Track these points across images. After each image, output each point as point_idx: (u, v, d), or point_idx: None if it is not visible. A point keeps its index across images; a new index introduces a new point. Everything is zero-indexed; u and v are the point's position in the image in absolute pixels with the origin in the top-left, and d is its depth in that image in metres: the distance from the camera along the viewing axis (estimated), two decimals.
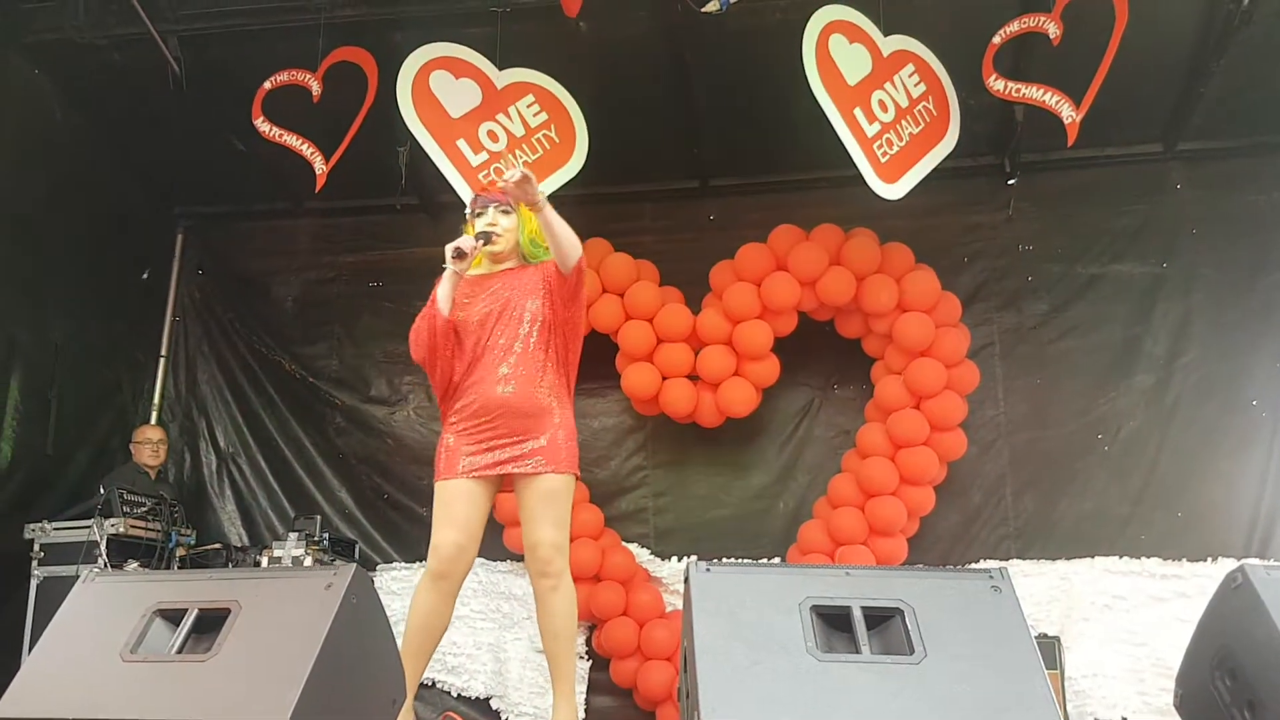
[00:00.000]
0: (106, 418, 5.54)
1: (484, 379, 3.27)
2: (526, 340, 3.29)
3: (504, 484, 3.37)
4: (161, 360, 5.91)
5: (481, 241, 3.32)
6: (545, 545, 3.24)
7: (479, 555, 4.93)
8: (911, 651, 2.11)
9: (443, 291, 3.29)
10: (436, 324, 3.28)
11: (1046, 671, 2.12)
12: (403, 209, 5.48)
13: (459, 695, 4.97)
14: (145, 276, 5.86)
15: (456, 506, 3.27)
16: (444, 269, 3.28)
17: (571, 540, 4.80)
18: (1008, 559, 4.86)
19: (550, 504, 3.25)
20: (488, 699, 4.96)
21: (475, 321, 3.32)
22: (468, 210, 3.49)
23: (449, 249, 3.23)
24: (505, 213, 3.38)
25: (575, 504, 4.96)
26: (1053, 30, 4.15)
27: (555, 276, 3.29)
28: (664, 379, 4.98)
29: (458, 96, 4.42)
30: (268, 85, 4.66)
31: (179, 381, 5.93)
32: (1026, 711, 2.02)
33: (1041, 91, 4.28)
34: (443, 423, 3.41)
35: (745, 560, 4.87)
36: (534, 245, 3.39)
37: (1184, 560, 4.69)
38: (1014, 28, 4.27)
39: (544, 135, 4.49)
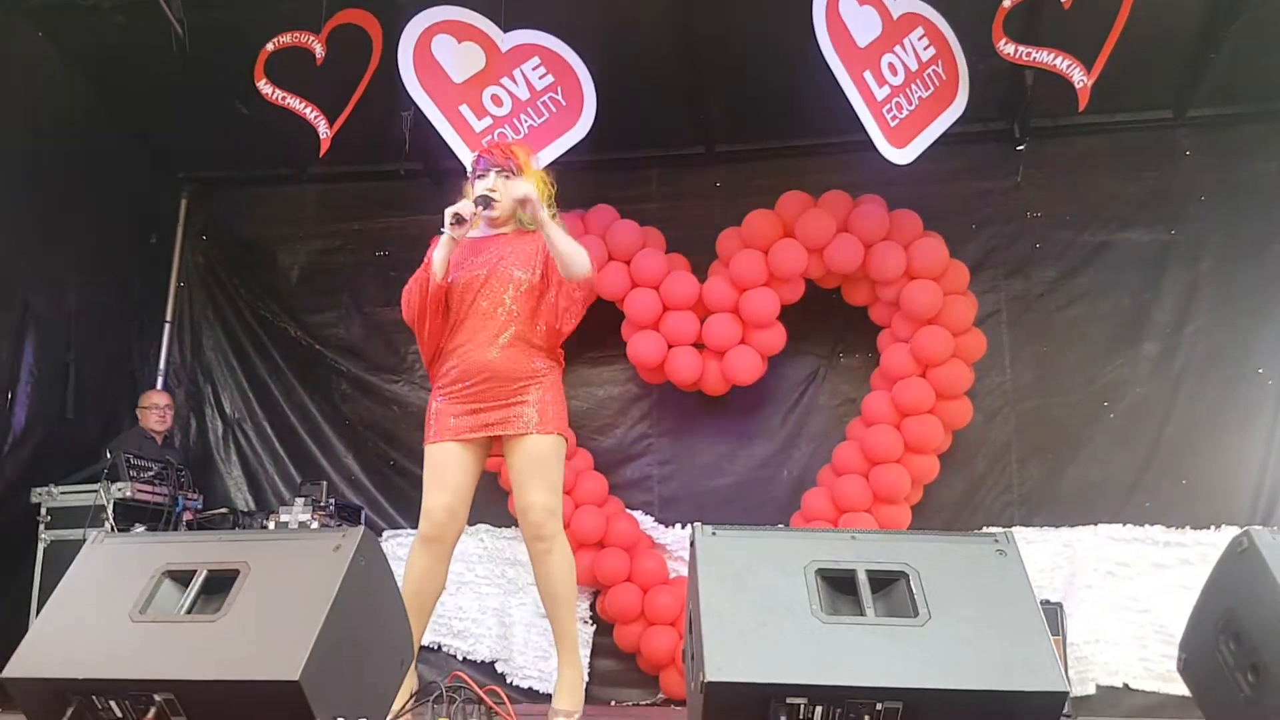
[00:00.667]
0: (116, 383, 5.56)
1: (471, 342, 3.29)
2: (514, 306, 3.29)
3: (494, 447, 3.39)
4: (167, 326, 5.92)
5: (481, 206, 3.31)
6: (537, 509, 3.25)
7: (484, 521, 5.05)
8: (916, 614, 2.12)
9: (439, 256, 3.29)
10: (429, 288, 3.29)
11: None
12: (407, 175, 5.45)
13: (465, 658, 5.02)
14: (152, 241, 5.86)
15: (446, 470, 3.29)
16: (441, 233, 3.27)
17: (576, 507, 4.89)
18: (1011, 526, 4.86)
19: (540, 466, 3.26)
20: (493, 662, 5.01)
21: (464, 284, 3.32)
22: (469, 171, 3.48)
23: (448, 213, 3.23)
24: (507, 177, 3.37)
25: (580, 472, 5.04)
26: None
27: (559, 278, 3.30)
28: (670, 347, 4.97)
29: (460, 61, 4.38)
30: (270, 47, 4.62)
31: (184, 347, 5.95)
32: (1030, 674, 2.03)
33: (1052, 56, 4.23)
34: (431, 386, 3.42)
35: (749, 526, 4.88)
36: (550, 215, 3.38)
37: (1188, 528, 4.69)
38: None
39: (550, 98, 4.45)
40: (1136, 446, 4.96)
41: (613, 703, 4.98)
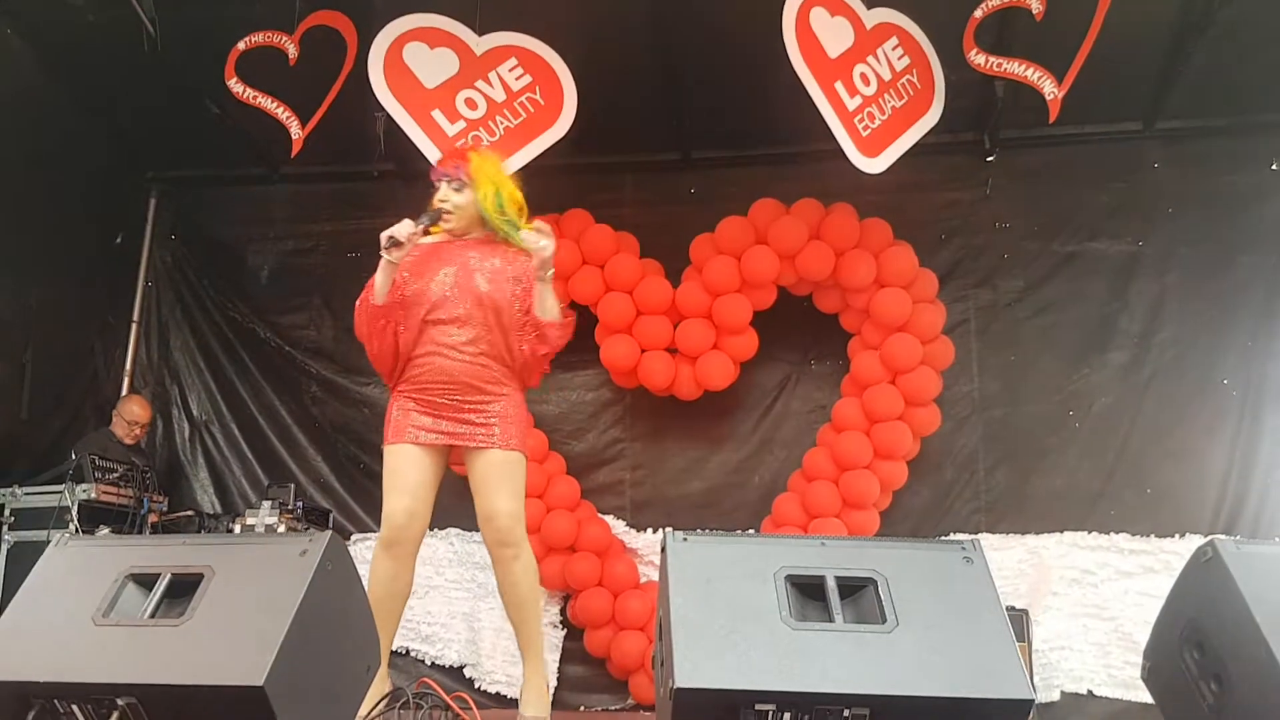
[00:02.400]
0: (79, 383, 5.50)
1: (435, 350, 3.25)
2: (479, 315, 3.25)
3: (454, 455, 3.36)
4: (134, 326, 5.85)
5: (428, 221, 3.27)
6: (503, 515, 3.22)
7: (454, 525, 5.03)
8: (884, 621, 2.13)
9: (379, 279, 3.26)
10: (369, 310, 3.27)
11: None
12: (380, 176, 5.43)
13: (433, 663, 5.00)
14: (118, 241, 5.80)
15: (407, 472, 3.25)
16: (380, 257, 3.24)
17: (548, 512, 4.89)
18: (978, 533, 4.90)
19: (503, 474, 3.25)
20: (461, 667, 4.99)
21: (428, 293, 3.28)
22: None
23: (383, 237, 3.20)
24: (458, 189, 3.33)
25: (552, 476, 5.04)
26: (1035, 5, 4.14)
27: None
28: (643, 351, 4.98)
29: (433, 66, 4.35)
30: (241, 46, 4.59)
31: (151, 348, 5.89)
32: (996, 681, 2.05)
33: (1023, 67, 4.28)
34: (392, 391, 3.39)
35: (720, 532, 4.89)
36: (507, 224, 3.33)
37: (1152, 536, 4.75)
38: (996, 1, 4.26)
39: (528, 98, 4.42)
40: (1102, 455, 5.01)
41: (582, 708, 4.98)
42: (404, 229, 3.18)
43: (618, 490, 5.33)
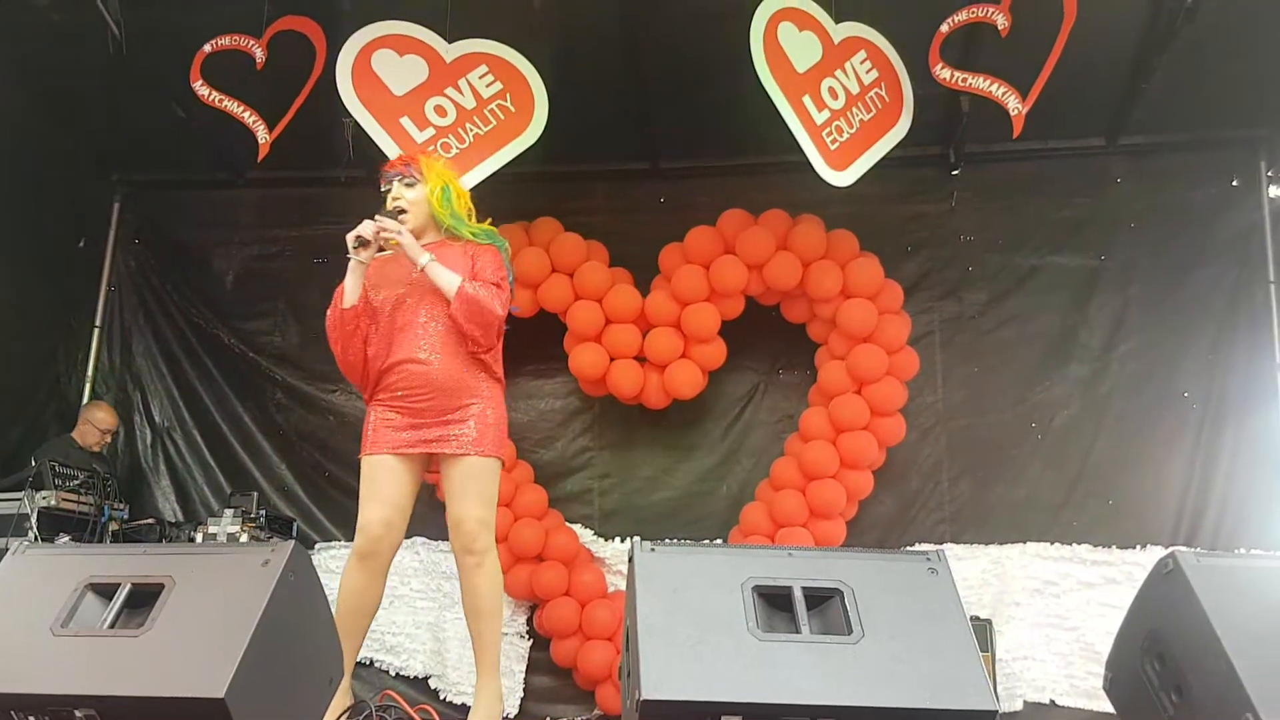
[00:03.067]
0: (40, 388, 5.41)
1: (406, 356, 3.23)
2: (442, 316, 3.23)
3: (433, 464, 3.34)
4: (96, 330, 5.77)
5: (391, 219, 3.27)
6: (470, 520, 3.20)
7: (420, 535, 5.00)
8: (850, 632, 2.14)
9: (348, 282, 3.25)
10: (338, 314, 3.26)
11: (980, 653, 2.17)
12: (348, 181, 5.39)
13: (397, 674, 4.96)
14: (81, 244, 5.72)
15: (382, 483, 3.22)
16: (348, 259, 3.22)
17: (515, 520, 4.87)
18: (942, 543, 4.94)
19: (475, 481, 3.22)
20: (426, 678, 4.95)
21: (389, 299, 3.27)
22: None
23: (350, 238, 3.19)
24: (409, 185, 3.33)
25: (520, 484, 5.02)
26: (1001, 22, 4.19)
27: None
28: (612, 360, 4.98)
29: (402, 74, 4.33)
30: (208, 48, 4.54)
31: (113, 353, 5.80)
32: (960, 693, 2.06)
33: (988, 82, 4.33)
34: (367, 401, 3.38)
35: (687, 541, 4.90)
36: (453, 217, 3.33)
37: (1114, 547, 4.80)
38: (962, 16, 4.30)
39: (498, 105, 4.41)
40: (1064, 466, 5.07)
41: (547, 718, 4.95)
42: (368, 227, 3.18)
43: (585, 499, 5.32)
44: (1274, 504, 4.90)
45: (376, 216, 3.27)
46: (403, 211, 3.30)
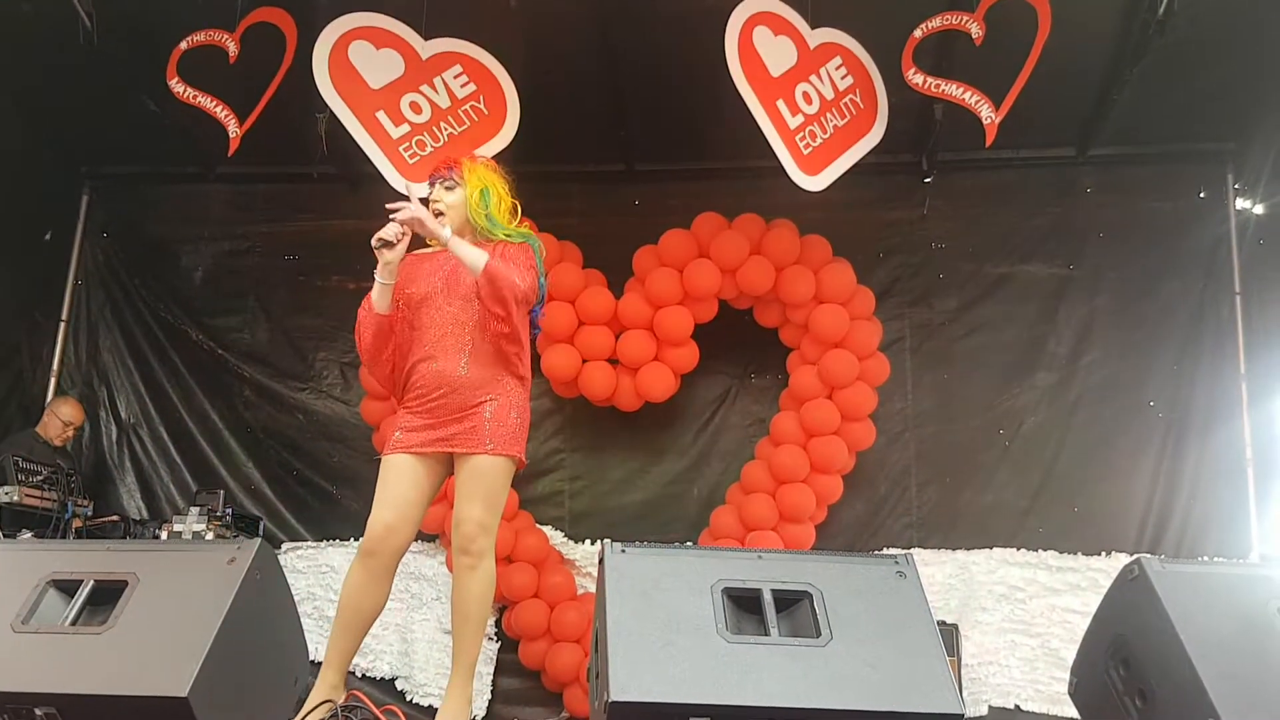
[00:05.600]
0: (4, 382, 5.33)
1: (433, 357, 3.21)
2: (470, 316, 3.22)
3: (454, 466, 3.31)
4: (62, 325, 5.69)
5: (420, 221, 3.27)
6: (469, 522, 3.17)
7: None
8: (818, 634, 2.15)
9: (376, 291, 3.23)
10: (370, 318, 3.24)
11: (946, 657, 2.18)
12: (320, 178, 5.34)
13: (364, 675, 4.92)
14: (47, 237, 5.63)
15: (390, 484, 3.19)
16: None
17: None
18: (910, 548, 4.97)
19: (481, 482, 3.18)
20: (393, 679, 4.92)
21: (419, 299, 3.26)
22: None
23: (374, 240, 3.17)
24: (449, 188, 3.32)
25: None
26: (975, 30, 4.23)
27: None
28: (584, 361, 4.97)
29: (378, 67, 4.31)
30: (184, 45, 4.50)
31: (79, 347, 5.72)
32: (926, 696, 2.07)
33: (961, 90, 4.36)
34: (398, 406, 3.35)
35: (658, 544, 4.90)
36: (488, 220, 3.32)
37: (1079, 554, 4.86)
38: (936, 23, 4.34)
39: (472, 106, 4.41)
40: (1030, 473, 5.12)
41: None
42: (391, 230, 3.15)
43: (556, 501, 5.31)
44: (1237, 513, 4.97)
45: (431, 205, 3.24)
46: (440, 214, 3.28)
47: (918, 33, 4.36)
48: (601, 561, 2.30)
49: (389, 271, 3.19)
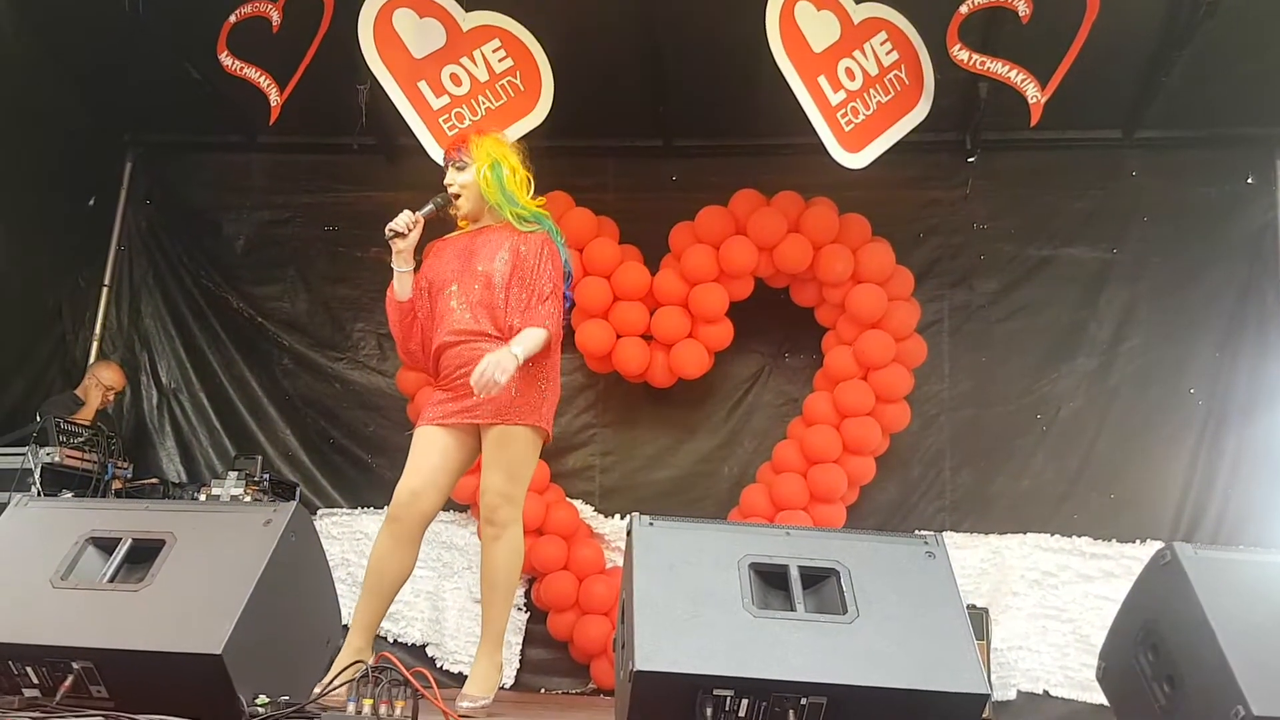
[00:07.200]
0: (46, 345, 5.42)
1: (452, 337, 3.27)
2: (486, 296, 3.25)
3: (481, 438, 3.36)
4: (104, 290, 5.78)
5: (440, 203, 3.35)
6: (491, 492, 3.23)
7: None
8: (845, 611, 2.15)
9: (396, 278, 3.33)
10: (393, 306, 3.36)
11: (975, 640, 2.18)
12: (360, 149, 5.36)
13: (395, 641, 4.99)
14: (91, 203, 5.71)
15: (418, 453, 3.29)
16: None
17: None
18: (942, 531, 4.93)
19: (504, 449, 3.23)
20: (424, 646, 4.98)
21: (440, 282, 3.33)
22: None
23: (387, 230, 3.24)
24: (460, 169, 3.34)
25: None
26: (1023, 8, 4.16)
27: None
28: (618, 337, 4.98)
29: (421, 36, 4.32)
30: (233, 19, 4.54)
31: (121, 312, 5.80)
32: (952, 675, 2.07)
33: (1007, 68, 4.29)
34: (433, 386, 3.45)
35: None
36: (501, 194, 3.32)
37: (1114, 541, 4.80)
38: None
39: (508, 82, 4.41)
40: (1068, 459, 5.06)
41: (542, 690, 4.99)
42: (402, 220, 3.24)
43: (587, 475, 5.32)
44: (1275, 504, 4.89)
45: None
46: (457, 197, 3.33)
47: (964, 8, 4.28)
48: (629, 534, 2.31)
49: (403, 259, 3.30)
